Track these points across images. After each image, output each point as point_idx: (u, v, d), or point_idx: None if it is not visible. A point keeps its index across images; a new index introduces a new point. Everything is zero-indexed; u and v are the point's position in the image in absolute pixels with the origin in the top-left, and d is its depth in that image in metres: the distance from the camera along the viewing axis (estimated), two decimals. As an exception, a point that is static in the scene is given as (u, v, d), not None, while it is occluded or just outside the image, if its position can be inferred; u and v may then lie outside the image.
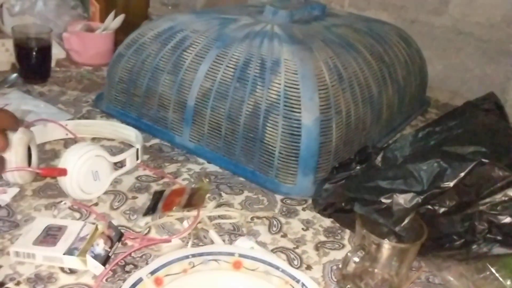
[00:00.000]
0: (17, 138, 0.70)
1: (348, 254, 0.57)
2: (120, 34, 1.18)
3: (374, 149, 0.73)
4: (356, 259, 0.56)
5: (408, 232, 0.57)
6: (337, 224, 0.74)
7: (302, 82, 0.78)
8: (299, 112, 0.77)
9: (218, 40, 0.86)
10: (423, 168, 0.56)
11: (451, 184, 0.55)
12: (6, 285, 0.57)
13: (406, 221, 0.55)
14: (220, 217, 0.73)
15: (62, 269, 0.61)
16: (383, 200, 0.56)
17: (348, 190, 0.63)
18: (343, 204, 0.65)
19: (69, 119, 0.92)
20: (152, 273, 0.56)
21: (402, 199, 0.55)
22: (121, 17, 1.24)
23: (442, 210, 0.57)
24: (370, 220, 0.59)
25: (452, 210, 0.57)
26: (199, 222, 0.70)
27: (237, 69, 0.82)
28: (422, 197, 0.55)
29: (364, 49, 0.93)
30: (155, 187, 0.78)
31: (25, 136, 0.71)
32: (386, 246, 0.56)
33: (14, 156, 0.69)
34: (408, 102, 1.06)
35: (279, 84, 0.78)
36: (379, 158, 0.68)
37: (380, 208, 0.58)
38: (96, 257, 0.60)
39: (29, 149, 0.73)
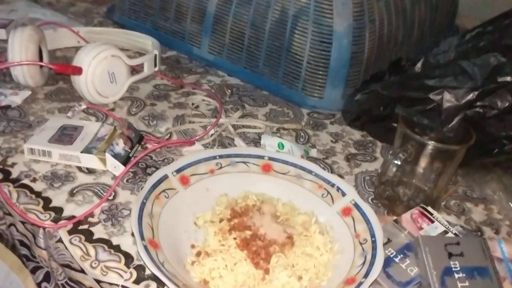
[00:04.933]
0: (27, 35, 0.64)
1: (389, 157, 0.52)
2: None
3: (409, 61, 0.68)
4: (398, 162, 0.52)
5: (455, 135, 0.52)
6: (368, 138, 0.70)
7: (335, -15, 0.72)
8: (331, 18, 0.71)
9: None
10: (477, 63, 0.51)
11: (509, 78, 0.49)
12: (22, 181, 0.54)
13: (455, 121, 0.50)
14: (244, 126, 0.68)
15: (79, 168, 0.57)
16: (432, 97, 0.51)
17: (389, 90, 0.57)
18: (381, 108, 0.60)
19: (80, 28, 0.86)
20: (178, 171, 0.53)
21: (454, 95, 0.50)
22: None
23: (492, 112, 0.52)
24: (411, 125, 0.54)
25: (504, 112, 0.52)
26: (223, 131, 0.66)
27: (263, -28, 0.75)
28: (476, 92, 0.50)
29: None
30: (174, 96, 0.74)
31: (35, 33, 0.66)
32: (430, 148, 0.52)
33: (25, 52, 0.64)
34: (438, 25, 0.99)
35: (310, -13, 0.72)
36: (419, 65, 0.62)
37: (425, 109, 0.53)
38: (115, 156, 0.56)
39: (40, 51, 0.68)
